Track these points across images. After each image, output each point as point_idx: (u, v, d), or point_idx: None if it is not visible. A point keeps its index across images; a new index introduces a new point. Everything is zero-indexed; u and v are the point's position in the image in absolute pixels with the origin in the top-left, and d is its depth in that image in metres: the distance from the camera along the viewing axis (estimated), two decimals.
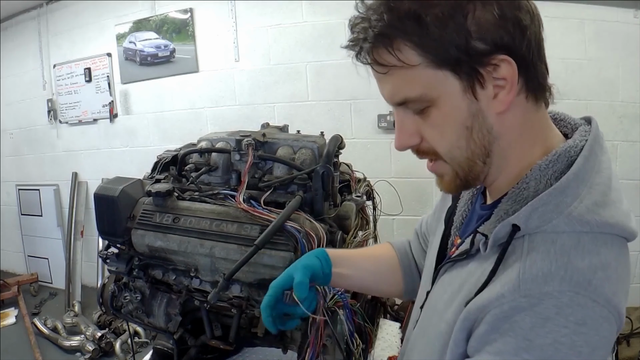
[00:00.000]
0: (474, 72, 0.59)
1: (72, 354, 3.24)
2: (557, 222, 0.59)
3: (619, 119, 2.74)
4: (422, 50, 0.58)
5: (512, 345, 0.56)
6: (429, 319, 0.75)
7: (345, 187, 1.48)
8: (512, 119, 0.63)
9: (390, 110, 3.09)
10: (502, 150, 0.64)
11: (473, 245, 0.67)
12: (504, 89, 0.60)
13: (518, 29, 0.58)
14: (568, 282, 0.55)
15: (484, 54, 0.58)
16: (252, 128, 1.46)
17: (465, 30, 0.57)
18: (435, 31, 0.57)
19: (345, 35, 0.69)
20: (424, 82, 0.60)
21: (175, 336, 1.30)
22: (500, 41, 0.58)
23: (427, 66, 0.59)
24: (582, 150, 0.63)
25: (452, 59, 0.58)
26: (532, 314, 0.55)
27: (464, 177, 0.66)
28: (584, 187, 0.60)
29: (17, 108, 4.50)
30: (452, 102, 0.61)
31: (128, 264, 1.33)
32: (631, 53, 2.67)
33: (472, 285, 0.64)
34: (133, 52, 3.80)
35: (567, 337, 0.54)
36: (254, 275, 1.18)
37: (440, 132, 0.64)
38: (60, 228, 4.38)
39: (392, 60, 0.60)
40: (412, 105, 0.64)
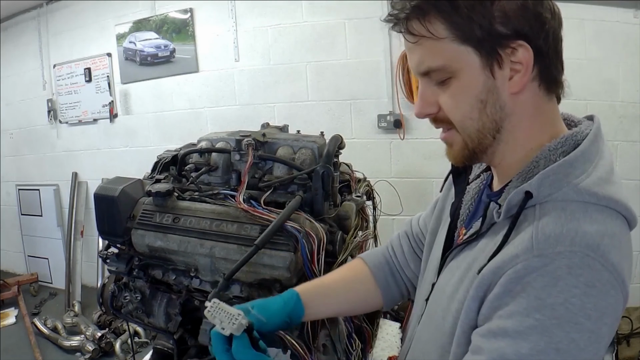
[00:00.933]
0: (494, 51, 0.65)
1: (72, 354, 3.24)
2: (567, 190, 0.63)
3: (619, 119, 2.74)
4: (450, 25, 0.65)
5: (523, 305, 0.58)
6: (436, 306, 0.76)
7: (345, 187, 1.48)
8: (524, 102, 0.68)
9: (390, 111, 3.10)
10: (512, 128, 0.69)
11: (485, 219, 0.70)
12: (519, 72, 0.65)
13: (537, 22, 0.64)
14: (579, 244, 0.58)
15: (504, 37, 0.64)
16: (252, 128, 1.46)
17: (490, 14, 0.63)
18: (464, 11, 0.63)
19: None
20: (448, 54, 0.66)
21: (175, 336, 1.30)
22: (521, 29, 0.64)
23: (452, 40, 0.65)
24: (587, 136, 0.67)
25: (475, 37, 0.64)
26: (544, 273, 0.57)
27: (472, 148, 0.71)
28: (590, 165, 0.65)
29: (17, 108, 4.50)
30: (470, 75, 0.66)
31: (128, 264, 1.33)
32: (631, 53, 2.67)
33: (484, 257, 0.66)
34: (133, 52, 3.80)
35: (577, 298, 0.56)
36: (254, 275, 1.18)
37: (457, 102, 0.69)
38: (60, 228, 4.38)
39: (422, 31, 0.66)
40: (434, 75, 0.69)
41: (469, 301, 0.65)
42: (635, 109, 2.74)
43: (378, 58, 3.09)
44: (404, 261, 1.04)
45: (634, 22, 2.67)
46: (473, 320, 0.65)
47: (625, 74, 2.72)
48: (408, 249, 1.05)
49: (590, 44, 2.70)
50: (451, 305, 0.70)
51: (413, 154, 3.11)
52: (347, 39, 3.14)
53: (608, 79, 2.73)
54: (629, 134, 2.74)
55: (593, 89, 2.72)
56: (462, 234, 0.80)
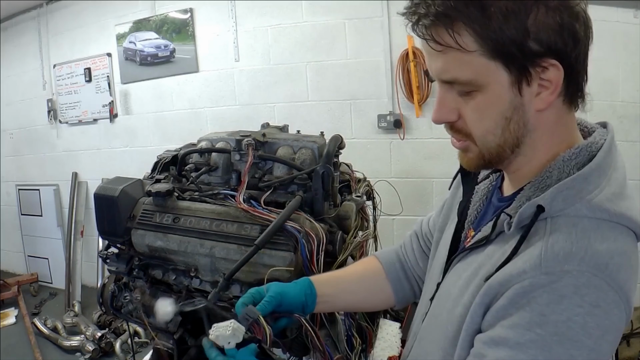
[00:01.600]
0: (524, 69, 0.62)
1: (72, 354, 3.24)
2: (579, 206, 0.62)
3: (619, 119, 2.74)
4: (480, 38, 0.61)
5: (526, 319, 0.58)
6: (441, 307, 0.77)
7: (345, 187, 1.48)
8: (548, 117, 0.66)
9: (390, 111, 3.09)
10: (533, 143, 0.68)
11: (494, 229, 0.69)
12: (548, 89, 0.63)
13: (572, 39, 0.62)
14: (587, 263, 0.58)
15: (537, 55, 0.61)
16: (252, 128, 1.46)
17: (525, 29, 0.59)
18: (497, 24, 0.59)
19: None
20: (476, 68, 0.63)
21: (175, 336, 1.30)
22: (555, 46, 0.61)
23: (482, 54, 0.61)
24: (602, 147, 0.67)
25: (506, 53, 0.61)
26: (550, 291, 0.57)
27: (488, 159, 0.70)
28: (604, 178, 0.64)
29: (17, 108, 4.50)
30: (498, 92, 0.64)
31: (128, 264, 1.33)
32: (631, 53, 2.67)
33: (491, 265, 0.66)
34: (133, 52, 3.80)
35: (580, 317, 0.56)
36: (254, 275, 1.18)
37: (480, 116, 0.66)
38: (60, 228, 4.38)
39: (449, 42, 0.62)
40: (459, 86, 0.66)
41: (474, 307, 0.65)
42: (635, 109, 2.74)
43: (378, 58, 3.09)
44: (414, 260, 1.05)
45: (634, 22, 2.66)
46: (477, 325, 0.65)
47: (625, 74, 2.72)
48: (417, 248, 1.05)
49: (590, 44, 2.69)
50: (456, 309, 0.70)
51: (413, 154, 3.11)
52: (347, 39, 3.14)
53: (608, 79, 2.73)
54: (629, 134, 2.74)
55: (593, 89, 2.66)
56: (470, 236, 0.80)
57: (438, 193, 3.09)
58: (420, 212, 3.12)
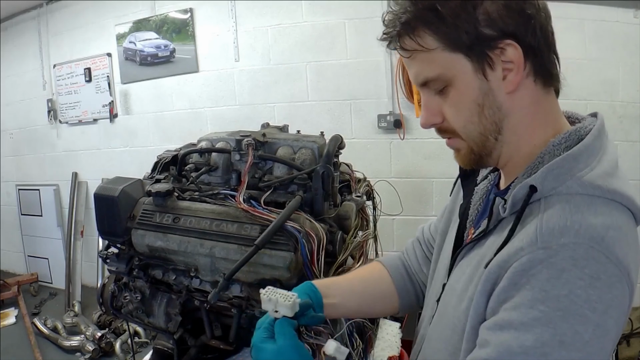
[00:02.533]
0: (483, 54, 0.66)
1: (72, 354, 3.24)
2: (571, 183, 0.63)
3: (619, 119, 2.74)
4: (438, 36, 0.67)
5: (528, 297, 0.58)
6: (447, 305, 0.77)
7: (345, 187, 1.48)
8: (521, 99, 0.69)
9: (390, 111, 3.09)
10: (513, 127, 0.70)
11: (491, 215, 0.71)
12: (512, 71, 0.67)
13: (522, 18, 0.65)
14: (583, 235, 0.58)
15: (492, 39, 0.65)
16: (252, 128, 1.46)
17: (475, 19, 0.65)
18: (450, 20, 0.66)
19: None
20: (441, 63, 0.68)
21: (175, 336, 1.30)
22: (506, 28, 0.65)
23: (443, 50, 0.67)
24: (590, 131, 0.68)
25: (464, 44, 0.66)
26: (549, 265, 0.58)
27: (478, 152, 0.73)
28: (594, 159, 0.66)
29: (17, 108, 4.50)
30: (465, 81, 0.68)
31: (128, 264, 1.33)
32: (631, 53, 2.67)
33: (491, 253, 0.66)
34: (133, 52, 3.80)
35: (582, 290, 0.56)
36: (254, 275, 1.18)
37: (457, 109, 0.71)
38: (60, 228, 4.38)
39: (413, 45, 0.69)
40: (432, 84, 0.71)
41: (477, 296, 0.65)
42: (635, 109, 2.73)
43: (378, 58, 3.09)
44: (417, 267, 1.05)
45: (634, 22, 2.66)
46: (481, 315, 0.65)
47: (625, 74, 2.71)
48: (420, 254, 1.05)
49: (590, 44, 2.70)
50: (462, 303, 0.70)
51: (413, 154, 3.11)
52: (347, 39, 3.14)
53: (608, 79, 2.73)
54: (629, 134, 2.74)
55: (593, 89, 2.72)
56: (471, 234, 0.81)
57: (438, 193, 3.09)
58: (420, 212, 3.13)
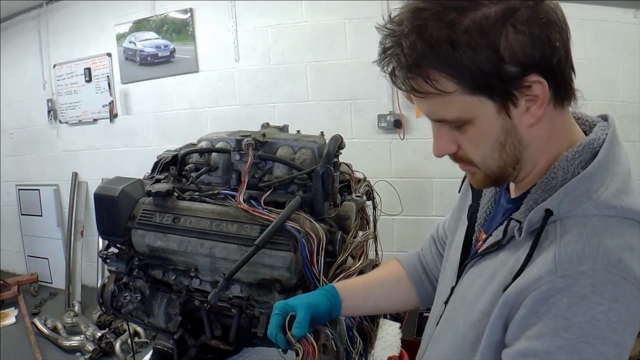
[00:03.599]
0: (508, 94, 0.61)
1: (72, 354, 3.24)
2: (587, 206, 0.63)
3: (619, 119, 2.74)
4: (456, 79, 0.60)
5: (551, 326, 0.58)
6: (456, 311, 0.77)
7: (345, 187, 1.48)
8: (541, 128, 0.66)
9: (390, 111, 3.09)
10: (532, 155, 0.68)
11: (505, 235, 0.70)
12: (536, 103, 0.63)
13: (548, 47, 0.60)
14: (601, 261, 0.59)
15: (517, 77, 0.60)
16: (252, 128, 1.46)
17: (498, 56, 0.58)
18: (468, 59, 0.58)
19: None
20: (460, 106, 0.63)
21: (175, 336, 1.30)
22: (532, 62, 0.59)
23: (462, 92, 0.61)
24: (604, 142, 0.67)
25: (486, 85, 0.60)
26: (569, 294, 0.58)
27: (494, 179, 0.71)
28: (608, 175, 0.64)
29: (17, 108, 4.50)
30: (487, 122, 0.64)
31: (128, 264, 1.33)
32: (631, 53, 2.67)
33: (506, 272, 0.66)
34: (133, 52, 3.80)
35: (603, 314, 0.57)
36: (254, 275, 1.18)
37: (476, 145, 0.68)
38: (60, 228, 4.37)
39: (428, 89, 0.62)
40: (449, 123, 0.67)
41: (494, 318, 0.65)
42: (635, 109, 2.74)
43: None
44: (433, 263, 1.06)
45: (634, 22, 2.66)
46: (497, 335, 0.65)
47: (625, 74, 2.71)
48: (435, 252, 1.07)
49: (590, 44, 2.70)
50: (472, 314, 0.71)
51: (413, 154, 3.11)
52: (347, 39, 3.14)
53: (608, 79, 2.73)
54: (629, 134, 2.74)
55: (593, 89, 2.71)
56: (481, 239, 0.80)
57: (438, 193, 3.09)
58: (420, 212, 3.13)
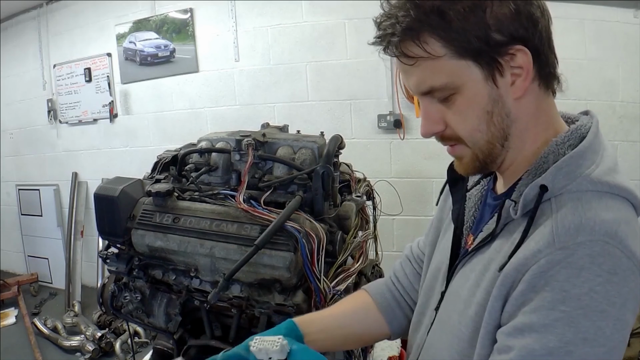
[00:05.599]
0: (494, 61, 0.64)
1: (72, 354, 3.24)
2: (580, 180, 0.64)
3: (619, 119, 2.74)
4: (446, 42, 0.63)
5: (548, 299, 0.58)
6: (450, 312, 0.76)
7: (345, 187, 1.48)
8: (527, 104, 0.68)
9: (390, 111, 3.09)
10: (520, 133, 0.69)
11: (499, 221, 0.69)
12: (520, 76, 0.65)
13: (530, 22, 0.64)
14: (598, 232, 0.59)
15: (502, 45, 0.63)
16: (252, 128, 1.46)
17: (485, 23, 0.62)
18: (458, 24, 0.62)
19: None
20: (448, 71, 0.65)
21: (175, 336, 1.30)
22: (516, 33, 0.63)
23: (451, 57, 0.64)
24: (590, 129, 0.69)
25: (473, 50, 0.63)
26: (567, 265, 0.58)
27: (482, 159, 0.71)
28: (597, 155, 0.66)
29: (17, 108, 4.50)
30: (474, 89, 0.66)
31: (128, 264, 1.33)
32: (631, 53, 2.67)
33: (502, 257, 0.66)
34: (133, 52, 3.80)
35: (601, 286, 0.56)
36: (254, 275, 1.18)
37: (464, 117, 0.68)
38: (60, 228, 4.37)
39: (419, 52, 0.65)
40: (437, 93, 0.68)
41: (492, 301, 0.64)
42: (635, 109, 2.73)
43: (378, 58, 3.06)
44: (408, 284, 1.02)
45: (634, 22, 2.66)
46: (497, 320, 0.64)
47: (625, 74, 2.71)
48: (411, 272, 1.03)
49: (590, 44, 2.70)
50: (468, 309, 0.69)
51: (413, 154, 3.11)
52: (347, 39, 3.14)
53: (608, 79, 2.73)
54: (629, 134, 2.74)
55: (593, 89, 2.72)
56: (470, 241, 0.79)
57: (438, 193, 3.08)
58: (420, 212, 3.13)
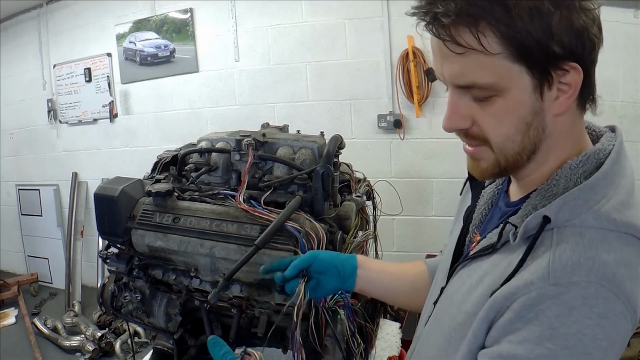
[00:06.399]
0: (547, 72, 0.60)
1: (72, 354, 3.25)
2: (586, 216, 0.61)
3: (619, 119, 2.74)
4: (505, 40, 0.58)
5: (536, 333, 0.57)
6: (444, 312, 0.76)
7: (345, 187, 1.48)
8: (564, 122, 0.65)
9: (390, 111, 3.09)
10: (548, 149, 0.66)
11: (501, 238, 0.68)
12: (566, 93, 0.62)
13: (590, 44, 0.60)
14: (595, 274, 0.57)
15: (560, 58, 0.59)
16: (252, 128, 1.46)
17: (550, 31, 0.57)
18: (523, 24, 0.57)
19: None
20: (498, 71, 0.60)
21: (175, 336, 1.30)
22: (575, 49, 0.59)
23: (505, 57, 0.59)
24: (610, 153, 0.65)
25: (531, 56, 0.58)
26: (559, 302, 0.57)
27: (504, 167, 0.67)
28: (611, 187, 0.63)
29: (17, 108, 4.50)
30: (519, 97, 0.61)
31: (128, 264, 1.33)
32: (631, 53, 2.67)
33: (496, 276, 0.65)
34: (133, 52, 3.80)
35: (590, 329, 0.56)
36: (254, 275, 1.18)
37: (500, 122, 0.64)
38: (60, 228, 4.38)
39: (472, 43, 0.58)
40: (477, 91, 0.63)
41: (478, 322, 0.64)
42: (635, 109, 2.74)
43: (378, 58, 3.09)
44: None
45: (634, 22, 2.67)
46: (481, 340, 0.64)
47: (625, 74, 2.72)
48: None
49: None
50: (458, 315, 0.69)
51: (413, 154, 3.11)
52: (347, 39, 3.14)
53: (608, 79, 2.73)
54: (629, 134, 2.73)
55: None
56: (475, 240, 0.79)
57: (438, 193, 3.09)
58: (420, 212, 3.13)
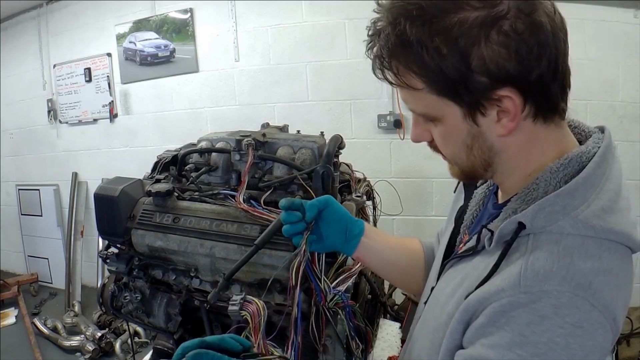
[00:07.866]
0: (475, 103, 0.60)
1: (72, 354, 3.25)
2: (563, 223, 0.59)
3: (619, 119, 2.74)
4: (423, 78, 0.61)
5: (507, 339, 0.57)
6: (431, 312, 0.77)
7: (345, 187, 1.48)
8: (516, 139, 0.64)
9: (390, 111, 3.09)
10: (506, 161, 0.67)
11: (479, 242, 0.68)
12: (508, 116, 0.60)
13: (527, 61, 0.57)
14: (569, 283, 0.56)
15: (485, 89, 0.58)
16: (252, 128, 1.46)
17: (467, 64, 0.57)
18: (434, 64, 0.58)
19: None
20: (428, 103, 0.64)
21: (175, 336, 1.30)
22: (505, 75, 0.57)
23: (429, 92, 0.62)
24: (594, 156, 0.63)
25: (451, 91, 0.60)
26: (530, 311, 0.56)
27: (467, 174, 0.71)
28: (593, 192, 0.61)
29: (17, 108, 4.50)
30: (452, 123, 0.64)
31: (128, 264, 1.33)
32: (631, 53, 2.67)
33: (473, 279, 0.65)
34: (133, 52, 3.80)
35: (562, 338, 0.55)
36: (254, 275, 1.18)
37: (444, 142, 0.68)
38: (60, 228, 4.37)
39: (398, 82, 0.64)
40: (418, 115, 0.69)
41: (454, 323, 0.64)
42: (635, 109, 2.74)
43: None
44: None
45: (634, 22, 2.66)
46: (456, 342, 0.65)
47: (625, 74, 2.72)
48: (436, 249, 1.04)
49: (590, 44, 2.70)
50: (441, 316, 0.70)
51: (413, 154, 3.11)
52: (347, 39, 3.14)
53: (608, 79, 2.73)
54: (629, 134, 2.73)
55: (593, 89, 2.72)
56: (464, 240, 0.79)
57: (438, 193, 3.09)
58: (420, 212, 3.13)
